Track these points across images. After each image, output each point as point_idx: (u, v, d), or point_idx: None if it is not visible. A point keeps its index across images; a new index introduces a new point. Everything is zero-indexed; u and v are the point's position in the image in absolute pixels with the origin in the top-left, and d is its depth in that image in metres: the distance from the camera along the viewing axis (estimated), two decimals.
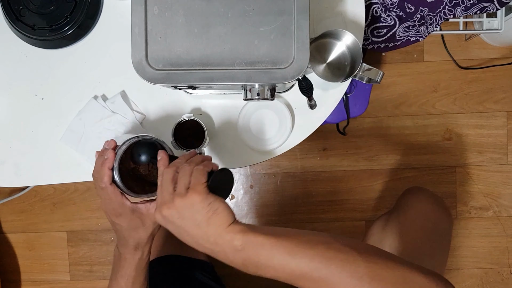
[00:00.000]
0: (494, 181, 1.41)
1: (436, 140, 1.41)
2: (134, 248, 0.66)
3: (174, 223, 0.53)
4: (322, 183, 1.42)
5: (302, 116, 0.80)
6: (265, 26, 0.58)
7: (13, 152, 0.82)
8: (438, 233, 0.87)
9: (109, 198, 0.62)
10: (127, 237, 0.66)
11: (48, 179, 0.82)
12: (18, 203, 1.45)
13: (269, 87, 0.62)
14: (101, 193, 0.63)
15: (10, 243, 1.46)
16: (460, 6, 1.04)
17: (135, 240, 0.65)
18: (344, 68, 0.73)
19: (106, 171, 0.61)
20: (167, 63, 0.59)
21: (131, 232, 0.65)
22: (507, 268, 1.42)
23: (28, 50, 0.80)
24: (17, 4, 0.76)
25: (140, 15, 0.59)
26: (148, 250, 0.68)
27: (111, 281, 0.70)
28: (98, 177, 0.62)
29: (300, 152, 1.42)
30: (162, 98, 0.81)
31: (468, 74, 1.39)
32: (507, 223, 1.41)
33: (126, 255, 0.67)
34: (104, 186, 0.62)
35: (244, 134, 0.79)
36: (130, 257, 0.67)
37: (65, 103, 0.81)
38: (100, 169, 0.62)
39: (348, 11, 0.78)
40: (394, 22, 1.03)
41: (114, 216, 0.64)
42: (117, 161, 0.61)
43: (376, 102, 1.40)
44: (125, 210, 0.63)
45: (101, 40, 0.81)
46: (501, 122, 1.40)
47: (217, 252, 0.53)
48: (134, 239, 0.65)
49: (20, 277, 1.46)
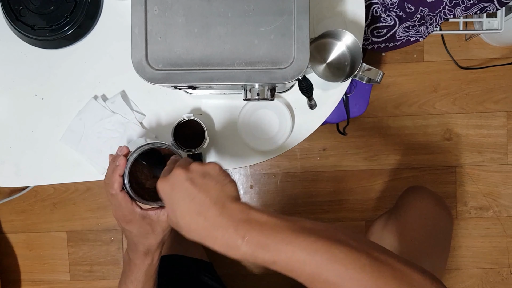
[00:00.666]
0: (494, 181, 1.41)
1: (436, 140, 1.41)
2: (144, 254, 0.66)
3: (182, 185, 0.52)
4: (322, 183, 1.42)
5: (302, 116, 0.80)
6: (265, 26, 0.58)
7: (13, 152, 0.82)
8: (439, 232, 0.87)
9: (119, 205, 0.62)
10: (137, 243, 0.66)
11: (48, 179, 0.82)
12: (18, 203, 1.45)
13: (269, 87, 0.62)
14: (111, 200, 0.63)
15: (10, 243, 1.46)
16: (460, 6, 1.04)
17: (145, 246, 0.65)
18: (344, 68, 0.73)
19: (116, 178, 0.61)
20: (167, 63, 0.59)
21: (141, 239, 0.65)
22: (507, 268, 1.42)
23: (28, 50, 0.80)
24: (17, 4, 0.76)
25: (140, 15, 0.59)
26: (158, 256, 0.68)
27: (120, 286, 0.70)
28: (109, 183, 0.62)
29: (300, 152, 1.42)
30: (162, 98, 0.81)
31: (468, 74, 1.39)
32: (507, 223, 1.41)
33: (136, 261, 0.67)
34: (114, 193, 0.62)
35: (244, 134, 0.79)
36: (139, 262, 0.67)
37: (65, 103, 0.81)
38: (111, 175, 0.62)
39: (348, 11, 0.78)
40: (394, 22, 1.03)
41: (125, 223, 0.64)
42: (127, 168, 0.61)
43: (376, 102, 1.40)
44: (135, 217, 0.63)
45: (101, 40, 0.81)
46: (501, 122, 1.40)
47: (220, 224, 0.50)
48: (144, 245, 0.65)
49: (20, 277, 1.46)
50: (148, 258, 0.67)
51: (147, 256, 0.66)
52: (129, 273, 0.68)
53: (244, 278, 1.42)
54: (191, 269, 1.07)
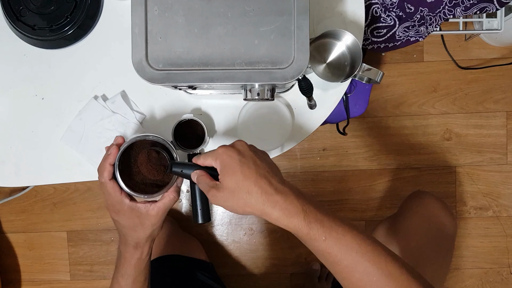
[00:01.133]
0: (494, 181, 1.41)
1: (436, 140, 1.41)
2: (133, 247, 0.66)
3: (248, 152, 0.56)
4: (322, 183, 1.42)
5: (302, 116, 0.80)
6: (265, 26, 0.58)
7: (13, 152, 0.82)
8: (442, 238, 0.87)
9: (109, 194, 0.63)
10: (126, 235, 0.66)
11: (48, 179, 0.82)
12: (18, 203, 1.45)
13: (269, 87, 0.62)
14: (101, 188, 0.64)
15: (10, 243, 1.46)
16: (460, 6, 1.04)
17: (134, 240, 0.65)
18: (344, 68, 0.73)
19: (106, 166, 0.62)
20: (167, 63, 0.59)
21: (130, 231, 0.65)
22: (507, 268, 1.42)
23: (28, 50, 0.81)
24: (17, 4, 0.76)
25: (140, 15, 0.59)
26: (147, 250, 0.68)
27: (112, 279, 0.71)
28: (99, 171, 0.63)
29: (300, 152, 1.42)
30: (162, 98, 0.81)
31: (468, 74, 1.39)
32: (507, 223, 1.41)
33: (126, 254, 0.67)
34: (104, 181, 0.62)
35: (244, 134, 0.79)
36: (129, 256, 0.67)
37: (65, 103, 0.81)
38: (102, 164, 0.62)
39: (348, 11, 0.79)
40: (394, 22, 1.03)
41: (113, 213, 0.64)
42: (118, 158, 0.62)
43: (376, 102, 1.40)
44: (123, 208, 0.63)
45: (101, 40, 0.81)
46: (501, 122, 1.40)
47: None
48: (132, 238, 0.65)
49: (20, 277, 1.46)
50: (137, 252, 0.66)
51: (136, 250, 0.66)
52: (120, 267, 0.68)
53: (244, 278, 1.43)
54: (193, 270, 1.07)
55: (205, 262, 1.14)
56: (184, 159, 0.78)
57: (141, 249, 0.67)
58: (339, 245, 0.52)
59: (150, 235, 0.66)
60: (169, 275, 1.00)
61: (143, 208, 0.64)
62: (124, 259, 0.67)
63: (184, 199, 1.45)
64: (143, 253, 0.67)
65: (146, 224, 0.64)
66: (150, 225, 0.65)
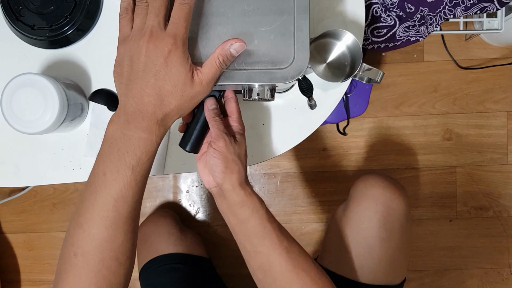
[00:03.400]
0: (494, 181, 1.41)
1: (436, 140, 1.41)
2: (157, 124, 0.49)
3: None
4: (322, 183, 1.42)
5: (302, 116, 0.80)
6: (265, 26, 0.58)
7: (13, 152, 0.82)
8: (393, 215, 0.87)
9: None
10: (161, 95, 0.48)
11: (48, 179, 0.82)
12: (18, 203, 1.45)
13: (269, 87, 0.62)
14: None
15: (10, 243, 1.46)
16: (460, 6, 1.04)
17: (163, 111, 0.49)
18: (344, 68, 0.73)
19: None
20: None
21: (170, 96, 0.49)
22: (507, 268, 1.42)
23: (28, 50, 0.80)
24: (17, 4, 0.76)
25: None
26: (161, 138, 0.51)
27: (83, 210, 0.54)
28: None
29: (300, 152, 1.42)
30: None
31: (468, 74, 1.39)
32: (507, 223, 1.41)
33: (132, 140, 0.48)
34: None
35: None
36: (136, 142, 0.48)
37: None
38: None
39: (348, 11, 0.78)
40: (394, 22, 1.03)
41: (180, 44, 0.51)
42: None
43: (376, 102, 1.40)
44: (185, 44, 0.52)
45: (101, 40, 0.81)
46: (501, 122, 1.40)
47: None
48: (166, 106, 0.49)
49: (20, 277, 1.46)
50: (161, 129, 0.51)
51: (159, 128, 0.51)
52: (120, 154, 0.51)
53: (244, 278, 1.42)
54: (189, 265, 1.07)
55: (206, 258, 1.15)
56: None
57: (164, 128, 0.51)
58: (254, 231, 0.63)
59: (185, 109, 0.53)
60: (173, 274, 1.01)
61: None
62: (138, 141, 0.48)
63: (184, 199, 1.45)
64: (158, 140, 0.51)
65: (196, 90, 0.53)
66: (200, 91, 0.54)
